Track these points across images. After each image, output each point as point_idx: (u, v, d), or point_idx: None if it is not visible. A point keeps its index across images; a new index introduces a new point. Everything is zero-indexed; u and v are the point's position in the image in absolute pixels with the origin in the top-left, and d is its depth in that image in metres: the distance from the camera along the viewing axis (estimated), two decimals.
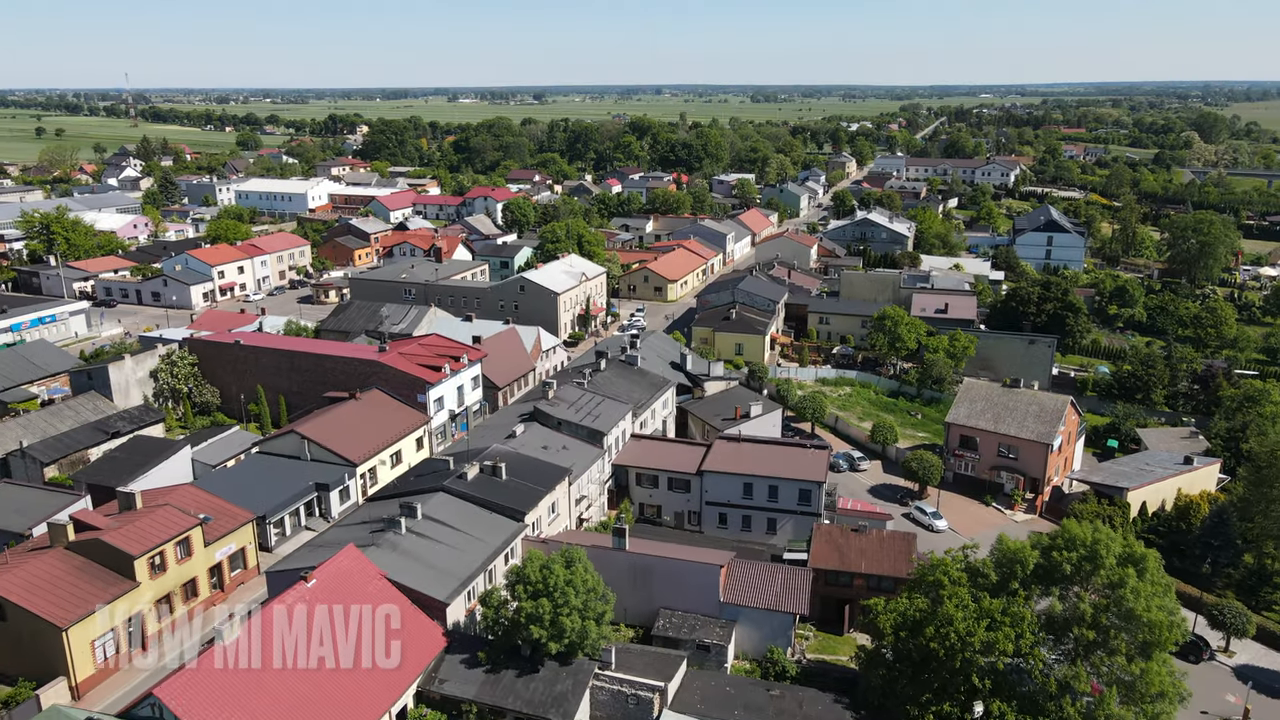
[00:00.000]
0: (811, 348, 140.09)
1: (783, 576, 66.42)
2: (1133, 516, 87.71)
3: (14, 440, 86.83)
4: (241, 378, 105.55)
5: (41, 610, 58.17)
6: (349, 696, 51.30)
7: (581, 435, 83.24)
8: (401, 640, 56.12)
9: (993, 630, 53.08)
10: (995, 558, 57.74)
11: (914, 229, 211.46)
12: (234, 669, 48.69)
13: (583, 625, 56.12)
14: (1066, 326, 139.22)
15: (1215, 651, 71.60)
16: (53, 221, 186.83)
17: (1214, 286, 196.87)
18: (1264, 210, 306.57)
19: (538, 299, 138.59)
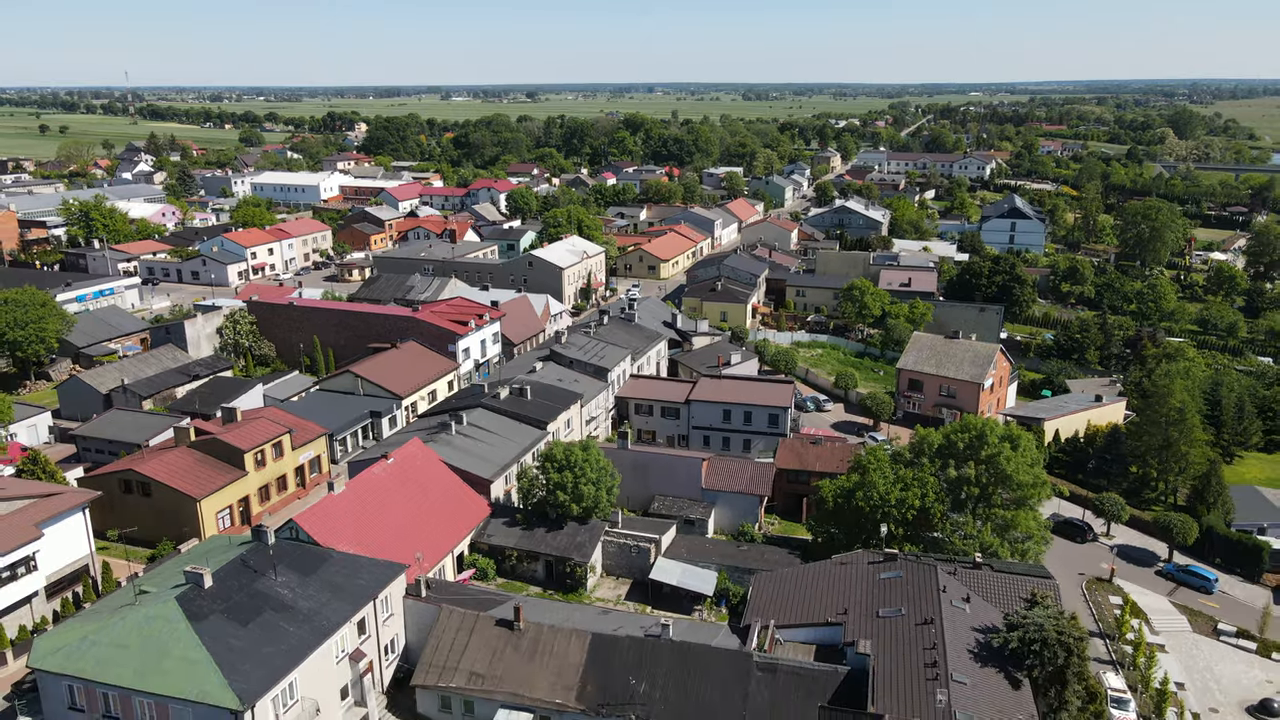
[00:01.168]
0: (789, 316, 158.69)
1: (752, 469, 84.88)
2: (1048, 441, 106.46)
3: (115, 380, 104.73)
4: (293, 334, 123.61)
5: (180, 486, 76.16)
6: (425, 537, 69.47)
7: (589, 371, 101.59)
8: (457, 505, 74.48)
9: (905, 491, 71.60)
10: (911, 443, 76.34)
11: (889, 216, 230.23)
12: (343, 511, 66.84)
13: (596, 493, 74.46)
14: (1014, 297, 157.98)
15: (1098, 535, 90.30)
16: (91, 209, 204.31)
17: (1162, 268, 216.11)
18: (1225, 201, 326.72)
19: (544, 274, 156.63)
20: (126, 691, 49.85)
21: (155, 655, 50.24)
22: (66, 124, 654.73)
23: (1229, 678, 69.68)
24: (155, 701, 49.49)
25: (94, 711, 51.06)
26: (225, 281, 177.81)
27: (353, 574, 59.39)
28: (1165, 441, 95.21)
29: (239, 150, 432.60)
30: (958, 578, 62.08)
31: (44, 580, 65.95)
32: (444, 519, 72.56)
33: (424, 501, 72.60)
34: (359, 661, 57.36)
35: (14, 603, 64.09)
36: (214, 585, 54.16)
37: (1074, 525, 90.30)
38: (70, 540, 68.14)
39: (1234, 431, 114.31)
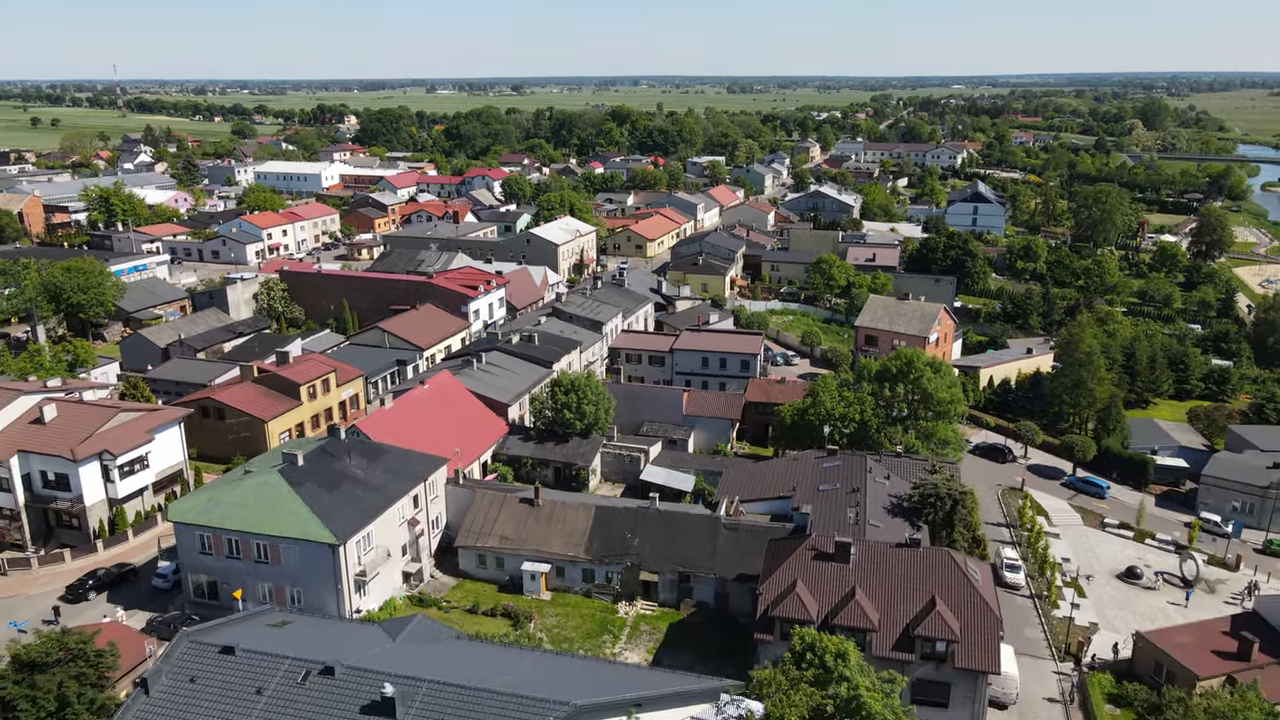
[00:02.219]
0: (764, 288, 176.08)
1: (726, 398, 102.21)
2: (983, 385, 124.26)
3: (171, 336, 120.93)
4: (320, 299, 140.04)
5: (251, 410, 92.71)
6: (457, 445, 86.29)
7: (586, 325, 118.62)
8: (481, 423, 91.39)
9: (848, 407, 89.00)
10: (854, 370, 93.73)
11: (860, 200, 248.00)
12: (393, 420, 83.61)
13: (596, 412, 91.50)
14: (966, 269, 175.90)
15: (1016, 456, 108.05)
16: (111, 195, 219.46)
17: (1112, 248, 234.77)
18: (1183, 189, 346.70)
19: (541, 250, 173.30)
20: (246, 535, 66.60)
21: (267, 509, 67.03)
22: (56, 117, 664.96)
23: (1106, 555, 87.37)
24: (269, 542, 66.25)
25: (219, 553, 67.74)
26: (244, 260, 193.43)
27: (406, 462, 76.22)
28: (1077, 380, 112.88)
29: (234, 142, 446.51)
30: (882, 464, 79.53)
31: (153, 477, 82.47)
32: (471, 433, 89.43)
33: (454, 418, 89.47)
34: (415, 527, 74.28)
35: (131, 493, 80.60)
36: (305, 464, 70.83)
37: (996, 449, 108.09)
38: (170, 448, 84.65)
39: (1147, 380, 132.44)
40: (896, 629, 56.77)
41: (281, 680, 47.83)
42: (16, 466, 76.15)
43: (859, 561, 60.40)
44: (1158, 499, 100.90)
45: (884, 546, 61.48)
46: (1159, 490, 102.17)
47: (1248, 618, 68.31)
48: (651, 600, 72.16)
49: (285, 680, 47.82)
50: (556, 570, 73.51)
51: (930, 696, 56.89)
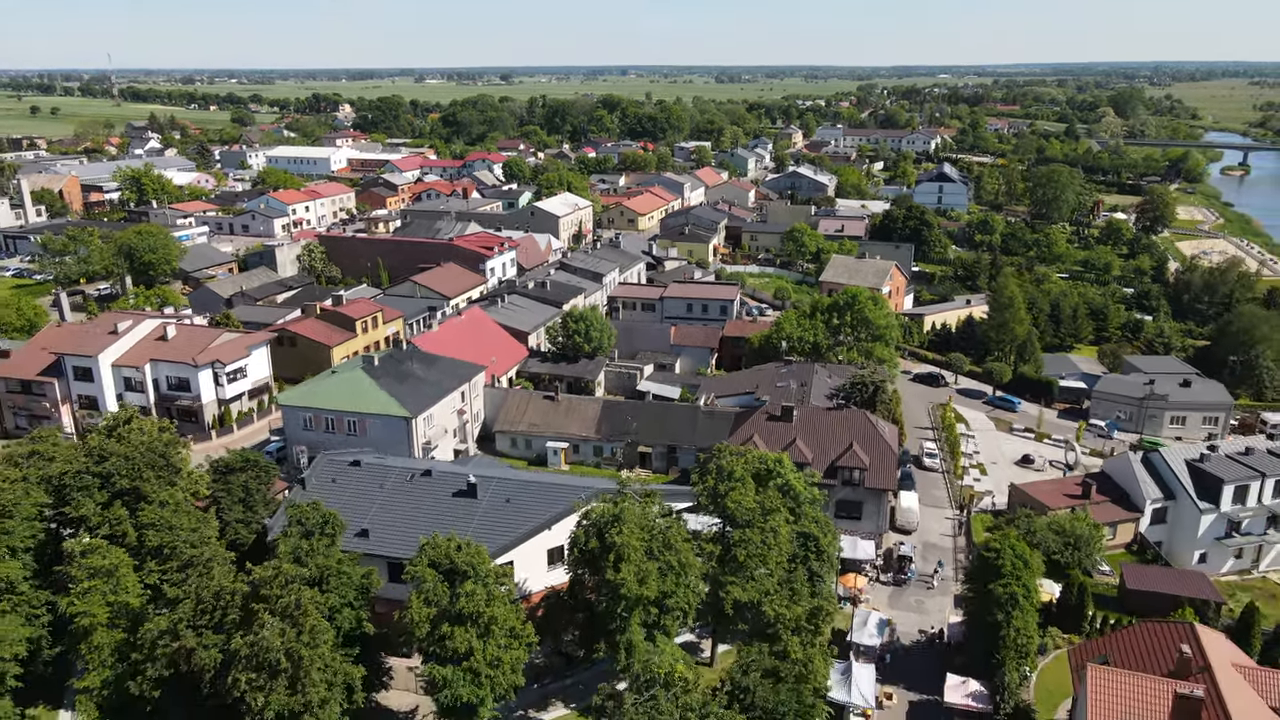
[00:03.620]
0: (744, 255, 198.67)
1: (706, 331, 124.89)
2: (926, 328, 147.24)
3: (233, 288, 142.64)
4: (355, 260, 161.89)
5: (318, 338, 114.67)
6: (488, 361, 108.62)
7: (589, 276, 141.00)
8: (506, 347, 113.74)
9: (803, 332, 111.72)
10: (810, 305, 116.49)
11: (835, 180, 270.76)
12: (439, 339, 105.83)
13: (600, 338, 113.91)
14: (923, 238, 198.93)
15: (948, 381, 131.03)
16: (142, 176, 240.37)
17: (1065, 223, 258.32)
18: (1143, 172, 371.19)
19: (544, 221, 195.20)
20: (339, 413, 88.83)
21: (354, 394, 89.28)
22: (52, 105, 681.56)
23: (1010, 450, 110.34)
24: (357, 418, 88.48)
25: (318, 429, 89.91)
26: (272, 233, 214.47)
27: (454, 368, 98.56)
28: (1001, 322, 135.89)
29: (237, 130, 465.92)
30: (827, 370, 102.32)
31: (249, 385, 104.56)
32: (498, 354, 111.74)
33: (485, 342, 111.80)
34: (462, 415, 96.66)
35: (234, 395, 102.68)
36: (380, 364, 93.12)
37: (932, 376, 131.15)
38: (260, 364, 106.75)
39: (1070, 328, 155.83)
40: (825, 463, 79.50)
41: (395, 479, 70.43)
42: (149, 371, 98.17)
43: (800, 420, 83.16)
44: (1061, 413, 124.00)
45: (818, 409, 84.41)
46: (1062, 406, 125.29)
47: (1098, 475, 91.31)
48: (647, 468, 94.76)
49: (398, 479, 70.43)
50: (573, 448, 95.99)
51: (848, 513, 79.76)
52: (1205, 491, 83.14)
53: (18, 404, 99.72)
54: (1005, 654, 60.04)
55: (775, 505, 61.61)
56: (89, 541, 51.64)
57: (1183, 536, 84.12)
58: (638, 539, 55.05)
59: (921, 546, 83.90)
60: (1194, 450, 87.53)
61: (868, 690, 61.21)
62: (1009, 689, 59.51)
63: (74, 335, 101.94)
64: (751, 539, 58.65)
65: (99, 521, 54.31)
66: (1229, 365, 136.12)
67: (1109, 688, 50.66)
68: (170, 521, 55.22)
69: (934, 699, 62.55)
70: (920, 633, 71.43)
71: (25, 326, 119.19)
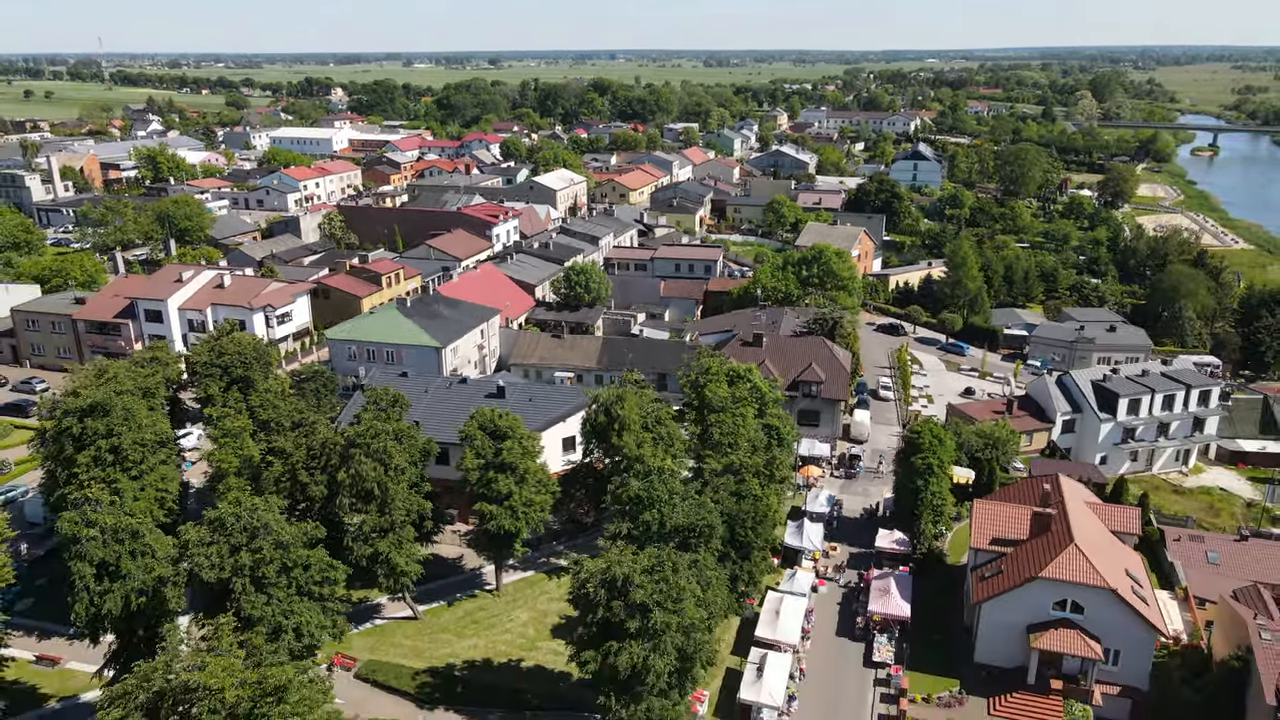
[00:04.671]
0: (728, 226, 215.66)
1: (692, 285, 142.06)
2: (890, 288, 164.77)
3: (264, 251, 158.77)
4: (372, 227, 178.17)
5: (350, 290, 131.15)
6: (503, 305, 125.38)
7: (586, 239, 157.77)
8: (516, 297, 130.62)
9: (776, 282, 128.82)
10: (782, 260, 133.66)
11: (815, 159, 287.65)
12: (459, 287, 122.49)
13: (599, 288, 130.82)
14: (894, 209, 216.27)
15: (907, 331, 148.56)
16: (157, 154, 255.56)
17: (1031, 199, 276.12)
18: (1113, 153, 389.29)
19: (542, 194, 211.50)
20: (379, 345, 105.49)
21: (390, 328, 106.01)
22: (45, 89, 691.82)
23: (956, 385, 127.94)
24: (394, 348, 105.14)
25: (361, 359, 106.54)
26: (285, 208, 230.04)
27: (474, 310, 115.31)
28: (956, 279, 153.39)
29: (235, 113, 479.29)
30: (795, 311, 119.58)
31: (294, 328, 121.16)
32: (510, 302, 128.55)
33: (498, 292, 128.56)
34: (482, 350, 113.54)
35: (282, 336, 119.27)
36: (411, 305, 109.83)
37: (893, 326, 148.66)
38: (302, 311, 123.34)
39: (1022, 289, 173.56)
40: (789, 379, 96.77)
41: (436, 386, 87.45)
42: (210, 314, 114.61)
43: (769, 346, 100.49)
44: (1005, 356, 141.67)
45: (784, 338, 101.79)
46: (1006, 351, 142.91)
47: (1022, 397, 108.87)
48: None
49: (439, 386, 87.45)
50: (578, 378, 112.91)
51: (808, 421, 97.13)
52: (1105, 405, 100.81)
53: (95, 343, 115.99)
54: (922, 510, 77.46)
55: (744, 397, 78.77)
56: (221, 409, 68.43)
57: (1087, 442, 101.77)
58: (636, 414, 72.14)
59: (870, 451, 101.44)
60: (1098, 372, 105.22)
61: (817, 540, 78.79)
62: (924, 536, 77.06)
63: (144, 283, 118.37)
64: (725, 421, 75.69)
65: (221, 400, 70.99)
66: (1159, 317, 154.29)
67: (988, 513, 68.33)
68: (274, 402, 71.98)
69: (869, 550, 79.96)
70: (863, 510, 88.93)
71: (87, 281, 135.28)
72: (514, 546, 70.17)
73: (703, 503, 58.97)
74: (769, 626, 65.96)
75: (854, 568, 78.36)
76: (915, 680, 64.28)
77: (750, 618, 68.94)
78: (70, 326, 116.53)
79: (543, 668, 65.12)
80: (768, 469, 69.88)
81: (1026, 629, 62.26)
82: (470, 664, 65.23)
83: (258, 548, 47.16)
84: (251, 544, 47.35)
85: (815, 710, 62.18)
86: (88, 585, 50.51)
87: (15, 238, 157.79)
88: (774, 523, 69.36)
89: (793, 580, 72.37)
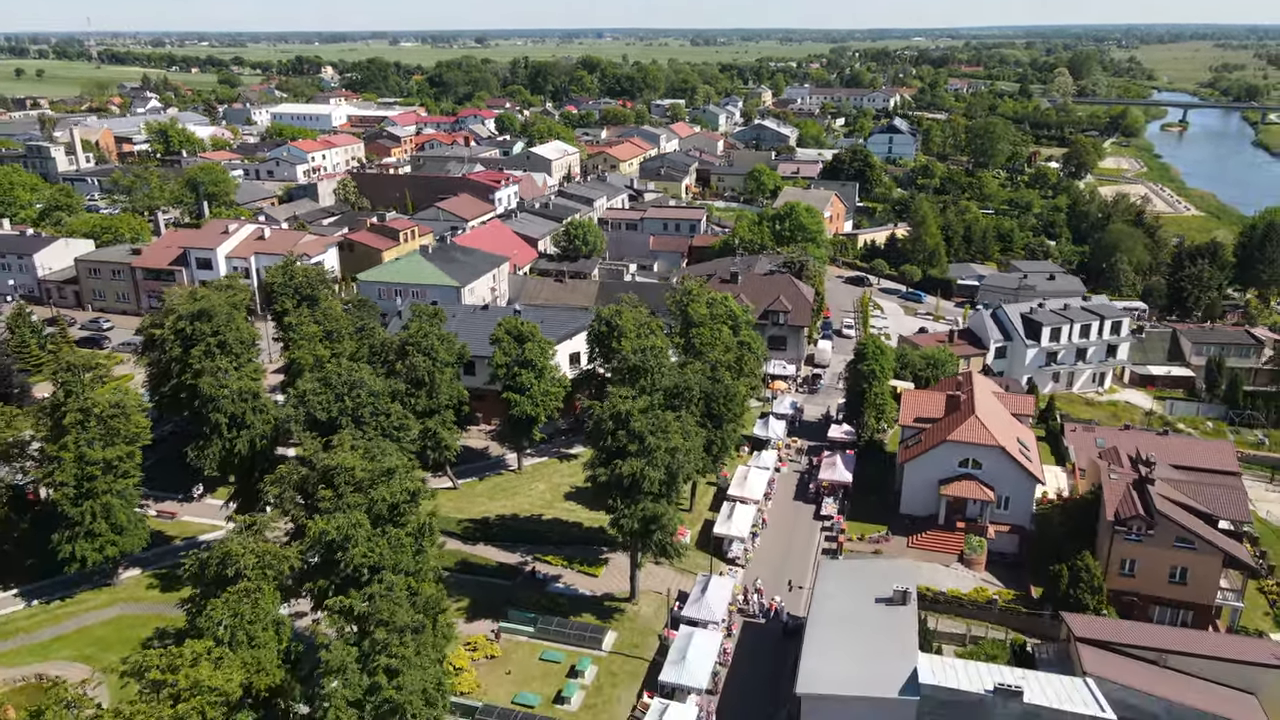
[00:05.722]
0: (712, 193, 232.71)
1: (678, 240, 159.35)
2: (859, 245, 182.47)
3: (289, 213, 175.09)
4: (383, 192, 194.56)
5: (372, 244, 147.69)
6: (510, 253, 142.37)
7: (582, 201, 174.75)
8: (521, 249, 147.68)
9: (753, 235, 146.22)
10: (758, 215, 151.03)
11: (797, 133, 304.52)
12: (470, 238, 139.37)
13: (595, 241, 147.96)
14: (866, 178, 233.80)
15: (873, 282, 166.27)
16: (168, 128, 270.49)
17: (999, 170, 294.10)
18: (1085, 127, 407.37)
19: (538, 163, 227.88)
20: (406, 285, 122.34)
21: (415, 271, 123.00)
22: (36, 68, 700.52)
23: (912, 326, 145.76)
24: (419, 288, 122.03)
25: (389, 298, 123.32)
26: (295, 178, 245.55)
27: (487, 257, 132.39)
28: (916, 236, 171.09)
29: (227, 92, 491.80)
30: (768, 257, 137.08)
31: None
32: (516, 252, 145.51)
33: (505, 244, 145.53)
34: (494, 291, 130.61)
35: None
36: (432, 252, 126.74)
37: (859, 278, 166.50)
38: (331, 260, 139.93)
39: (980, 247, 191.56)
40: (761, 309, 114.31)
41: (462, 312, 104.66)
42: (253, 261, 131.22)
43: (743, 282, 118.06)
44: (957, 303, 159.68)
45: (757, 275, 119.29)
46: (960, 299, 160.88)
47: (963, 329, 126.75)
48: None
49: (465, 312, 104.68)
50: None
51: (777, 346, 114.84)
52: (1031, 333, 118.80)
53: (151, 288, 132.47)
54: (866, 407, 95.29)
55: (720, 315, 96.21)
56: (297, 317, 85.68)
57: (1016, 366, 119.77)
58: (631, 324, 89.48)
59: (830, 374, 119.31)
60: (1026, 306, 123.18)
61: (781, 433, 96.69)
62: (868, 427, 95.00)
63: (193, 235, 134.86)
64: (704, 333, 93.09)
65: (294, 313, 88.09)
66: (1100, 270, 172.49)
67: (913, 399, 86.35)
68: (335, 315, 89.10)
69: (824, 443, 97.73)
70: (821, 415, 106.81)
71: (133, 237, 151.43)
72: (533, 431, 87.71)
73: (685, 374, 76.60)
74: (738, 487, 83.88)
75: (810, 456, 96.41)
76: (853, 528, 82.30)
77: (724, 486, 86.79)
78: (129, 273, 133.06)
79: (559, 519, 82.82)
80: (738, 364, 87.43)
81: (938, 482, 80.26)
82: (501, 517, 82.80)
83: (356, 395, 64.41)
84: (351, 393, 64.58)
85: (774, 545, 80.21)
86: (221, 431, 67.70)
87: (58, 201, 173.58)
88: (742, 405, 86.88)
89: (759, 457, 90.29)
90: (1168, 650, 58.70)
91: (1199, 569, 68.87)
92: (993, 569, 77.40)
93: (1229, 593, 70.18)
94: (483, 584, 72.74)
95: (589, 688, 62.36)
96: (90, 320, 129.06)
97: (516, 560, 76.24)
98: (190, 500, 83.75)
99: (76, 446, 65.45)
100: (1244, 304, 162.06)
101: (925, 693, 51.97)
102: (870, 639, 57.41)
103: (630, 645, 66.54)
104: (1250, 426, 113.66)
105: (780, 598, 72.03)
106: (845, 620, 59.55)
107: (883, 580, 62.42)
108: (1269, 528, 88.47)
